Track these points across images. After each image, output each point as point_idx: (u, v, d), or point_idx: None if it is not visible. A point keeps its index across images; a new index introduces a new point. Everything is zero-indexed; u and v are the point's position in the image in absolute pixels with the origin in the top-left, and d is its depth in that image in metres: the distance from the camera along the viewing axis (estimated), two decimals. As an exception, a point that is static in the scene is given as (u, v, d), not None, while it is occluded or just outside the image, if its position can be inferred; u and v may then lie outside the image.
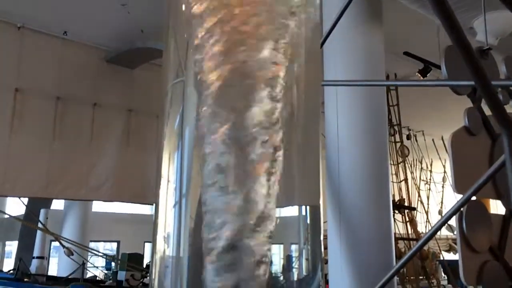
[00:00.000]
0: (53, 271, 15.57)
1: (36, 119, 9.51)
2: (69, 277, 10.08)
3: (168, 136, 0.87)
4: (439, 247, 13.93)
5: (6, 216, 15.52)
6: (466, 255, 2.56)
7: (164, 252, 0.84)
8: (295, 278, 0.82)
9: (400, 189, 12.55)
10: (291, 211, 0.84)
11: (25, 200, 11.15)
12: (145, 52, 9.50)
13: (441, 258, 14.29)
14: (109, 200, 11.38)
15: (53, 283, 9.59)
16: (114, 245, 20.78)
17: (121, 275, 9.74)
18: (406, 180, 12.92)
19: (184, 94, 0.87)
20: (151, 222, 0.86)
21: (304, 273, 0.82)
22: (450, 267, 12.96)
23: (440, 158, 16.69)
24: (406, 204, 12.47)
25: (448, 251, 16.00)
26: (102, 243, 20.36)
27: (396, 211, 11.30)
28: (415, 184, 15.02)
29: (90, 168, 10.08)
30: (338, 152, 4.98)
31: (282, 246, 0.82)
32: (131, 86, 10.53)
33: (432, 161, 17.61)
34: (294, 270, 0.82)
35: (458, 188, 2.60)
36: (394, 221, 8.76)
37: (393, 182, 11.00)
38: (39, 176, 9.42)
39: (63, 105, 9.80)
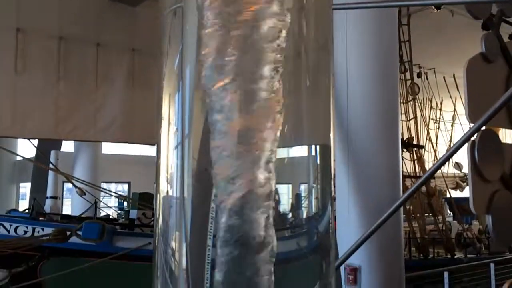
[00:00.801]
0: (67, 211, 16.10)
1: (39, 59, 9.39)
2: (83, 215, 10.38)
3: (168, 77, 0.83)
4: (446, 184, 14.07)
5: (19, 158, 15.82)
6: (477, 184, 2.55)
7: (167, 192, 0.85)
8: (304, 216, 0.82)
9: (409, 128, 12.51)
10: (300, 150, 0.81)
11: (35, 142, 11.28)
12: (147, -12, 9.18)
13: (448, 196, 14.49)
14: (117, 141, 11.48)
15: (67, 221, 9.89)
16: (125, 186, 21.29)
17: (133, 214, 10.03)
18: (415, 118, 12.84)
19: (183, 29, 0.81)
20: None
21: (314, 211, 0.82)
22: (456, 204, 13.17)
23: (450, 97, 16.47)
24: (414, 142, 12.48)
25: (454, 188, 16.19)
26: (113, 184, 20.85)
27: (404, 149, 11.32)
28: (424, 123, 14.94)
29: (97, 109, 10.07)
30: (347, 89, 4.90)
31: (291, 185, 0.81)
32: (133, 24, 10.26)
33: (442, 100, 17.40)
34: (303, 208, 0.81)
35: (471, 116, 2.53)
36: (402, 159, 8.79)
37: (402, 120, 10.93)
38: (47, 118, 9.45)
39: (66, 45, 9.62)
